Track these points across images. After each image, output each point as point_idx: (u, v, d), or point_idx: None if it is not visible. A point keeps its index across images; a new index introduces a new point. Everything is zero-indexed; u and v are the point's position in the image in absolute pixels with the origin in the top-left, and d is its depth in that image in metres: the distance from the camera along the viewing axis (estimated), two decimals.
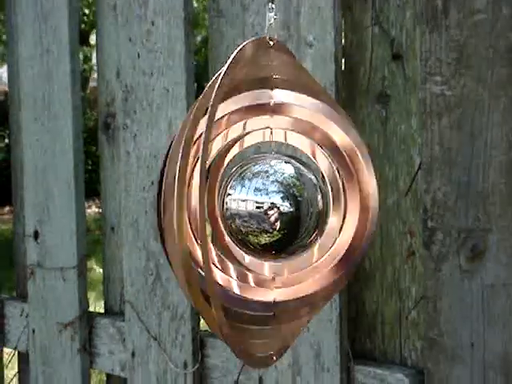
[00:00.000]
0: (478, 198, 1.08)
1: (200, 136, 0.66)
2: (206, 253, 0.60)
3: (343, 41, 1.26)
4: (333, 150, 0.75)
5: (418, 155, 1.19)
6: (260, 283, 0.76)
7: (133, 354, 1.50)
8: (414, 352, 1.23)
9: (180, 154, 0.62)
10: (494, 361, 1.09)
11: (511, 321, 1.08)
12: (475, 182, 1.08)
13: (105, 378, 1.73)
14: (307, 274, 0.76)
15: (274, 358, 0.73)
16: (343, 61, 1.26)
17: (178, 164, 0.61)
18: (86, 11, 9.10)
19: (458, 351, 1.11)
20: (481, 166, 1.07)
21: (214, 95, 0.64)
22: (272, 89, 0.73)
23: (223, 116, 0.71)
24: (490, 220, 1.07)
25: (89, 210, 7.05)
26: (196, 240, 0.71)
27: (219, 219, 0.75)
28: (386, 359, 1.26)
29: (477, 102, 1.07)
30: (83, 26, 9.00)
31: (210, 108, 0.63)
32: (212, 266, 0.74)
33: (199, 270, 0.69)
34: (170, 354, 1.44)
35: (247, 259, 0.79)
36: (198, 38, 9.37)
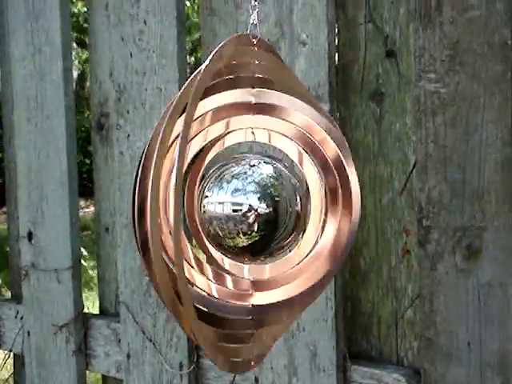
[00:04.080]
0: (474, 196, 1.07)
1: (178, 136, 0.64)
2: (178, 251, 0.59)
3: (337, 39, 1.25)
4: (315, 150, 0.74)
5: (412, 153, 1.18)
6: (238, 286, 0.75)
7: (128, 356, 1.49)
8: (410, 352, 1.22)
9: (155, 155, 0.60)
10: (491, 360, 1.08)
11: (508, 320, 1.07)
12: (470, 180, 1.07)
13: (101, 380, 1.72)
14: (288, 276, 0.75)
15: (253, 363, 0.71)
16: (337, 59, 1.25)
17: (153, 166, 0.60)
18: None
19: (455, 351, 1.10)
20: (476, 163, 1.06)
21: (193, 92, 0.62)
22: (253, 87, 0.72)
23: (203, 114, 0.69)
24: (486, 218, 1.06)
25: (87, 210, 7.04)
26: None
27: (197, 222, 0.73)
28: (383, 359, 1.25)
29: (471, 99, 1.06)
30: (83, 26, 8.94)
31: (188, 106, 0.62)
32: (186, 265, 0.73)
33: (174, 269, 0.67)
34: (166, 355, 1.43)
35: (227, 262, 0.78)
36: (196, 36, 9.33)
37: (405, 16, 1.19)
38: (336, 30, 1.25)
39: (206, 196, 0.70)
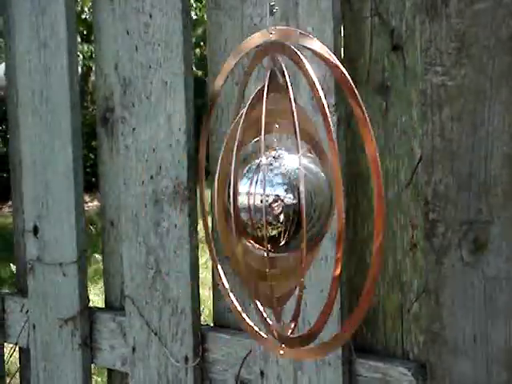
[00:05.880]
0: (480, 189, 1.06)
1: None
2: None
3: (342, 32, 1.25)
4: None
5: (418, 147, 1.18)
6: None
7: (133, 349, 1.49)
8: (416, 345, 1.22)
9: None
10: (497, 354, 1.08)
11: None
12: (477, 173, 1.06)
13: (106, 373, 1.72)
14: None
15: None
16: (342, 52, 1.25)
17: None
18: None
19: (461, 345, 1.10)
20: (482, 157, 1.06)
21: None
22: None
23: None
24: (492, 212, 1.06)
25: (91, 204, 7.04)
26: None
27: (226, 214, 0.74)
28: (388, 353, 1.25)
29: (478, 92, 1.05)
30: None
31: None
32: None
33: None
34: (171, 348, 1.43)
35: None
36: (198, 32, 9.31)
37: (411, 9, 1.18)
38: (342, 23, 1.24)
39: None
